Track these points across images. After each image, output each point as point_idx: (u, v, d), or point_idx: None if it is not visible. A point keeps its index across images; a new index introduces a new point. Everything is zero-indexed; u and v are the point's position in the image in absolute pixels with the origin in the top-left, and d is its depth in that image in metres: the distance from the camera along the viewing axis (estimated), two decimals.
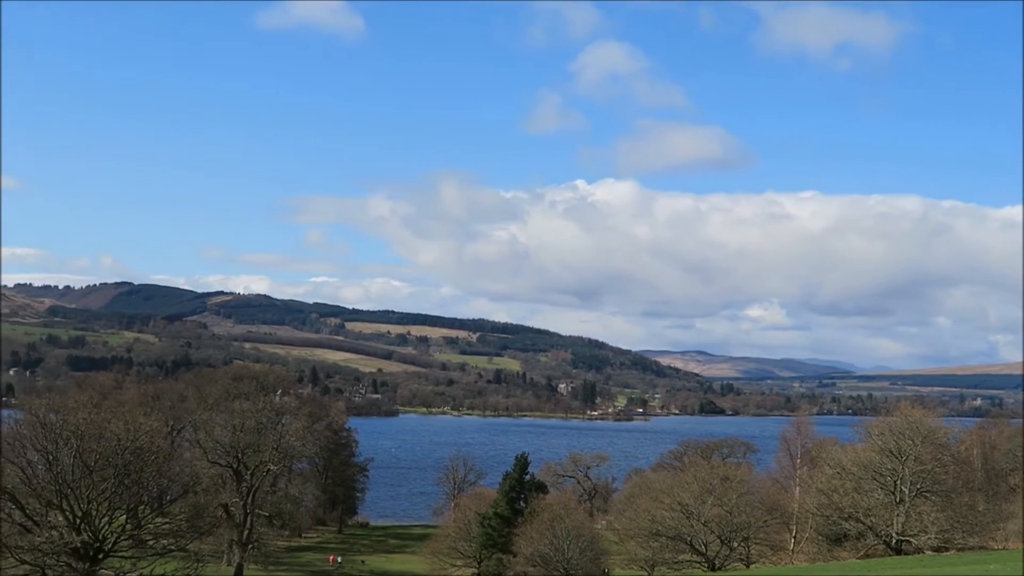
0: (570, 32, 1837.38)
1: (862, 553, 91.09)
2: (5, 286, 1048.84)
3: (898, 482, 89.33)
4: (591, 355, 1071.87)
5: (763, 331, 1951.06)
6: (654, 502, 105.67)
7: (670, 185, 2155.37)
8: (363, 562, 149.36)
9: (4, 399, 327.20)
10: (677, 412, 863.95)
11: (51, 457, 79.03)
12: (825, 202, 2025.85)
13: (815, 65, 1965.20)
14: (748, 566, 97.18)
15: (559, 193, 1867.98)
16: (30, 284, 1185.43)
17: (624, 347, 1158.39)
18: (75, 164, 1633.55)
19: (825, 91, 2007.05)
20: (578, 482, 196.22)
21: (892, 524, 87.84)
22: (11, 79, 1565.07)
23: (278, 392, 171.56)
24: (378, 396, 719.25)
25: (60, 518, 79.06)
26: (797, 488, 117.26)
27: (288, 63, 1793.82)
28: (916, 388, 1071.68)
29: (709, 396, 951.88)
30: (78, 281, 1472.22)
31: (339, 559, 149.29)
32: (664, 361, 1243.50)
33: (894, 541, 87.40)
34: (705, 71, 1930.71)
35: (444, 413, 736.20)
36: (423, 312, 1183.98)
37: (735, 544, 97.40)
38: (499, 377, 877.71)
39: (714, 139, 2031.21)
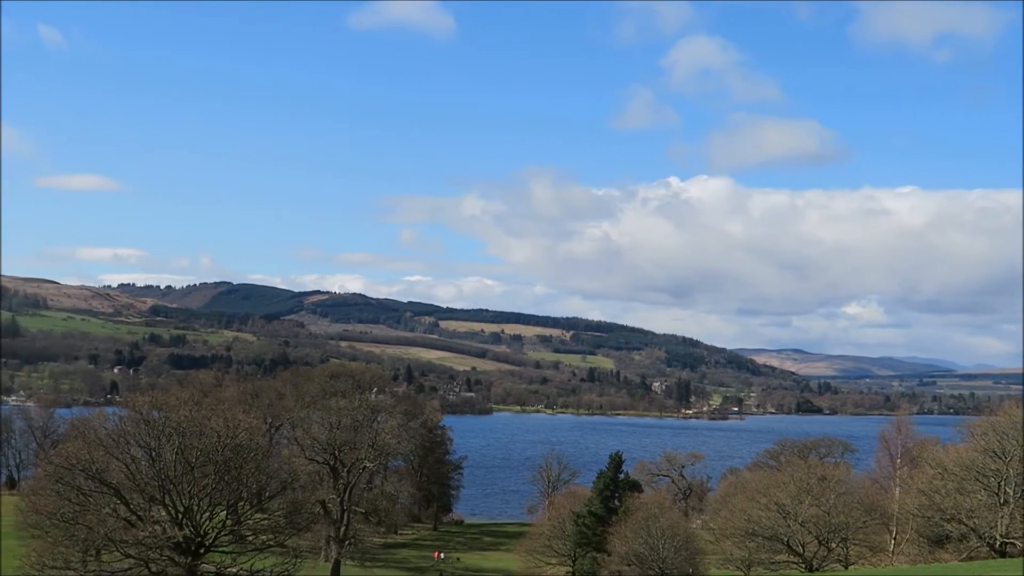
0: (661, 27, 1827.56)
1: (965, 555, 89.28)
2: (109, 286, 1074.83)
3: (1002, 483, 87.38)
4: (685, 353, 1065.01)
5: (861, 329, 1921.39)
6: (750, 502, 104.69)
7: (764, 181, 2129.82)
8: (458, 559, 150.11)
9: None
10: (773, 411, 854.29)
11: (154, 453, 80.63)
12: (924, 197, 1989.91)
13: (914, 57, 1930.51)
14: (847, 567, 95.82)
15: (652, 190, 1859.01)
16: (133, 284, 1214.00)
17: (719, 345, 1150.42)
18: (173, 165, 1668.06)
19: (924, 83, 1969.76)
20: (673, 481, 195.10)
21: (996, 526, 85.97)
22: (113, 80, 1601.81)
23: (374, 390, 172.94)
24: (472, 394, 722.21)
25: (163, 513, 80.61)
26: (897, 489, 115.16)
27: (380, 63, 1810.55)
28: (1020, 387, 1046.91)
29: (806, 395, 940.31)
30: (179, 281, 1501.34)
31: (443, 555, 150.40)
32: (759, 359, 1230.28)
33: (998, 543, 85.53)
34: (800, 64, 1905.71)
35: (538, 411, 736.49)
36: (516, 311, 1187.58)
37: (833, 545, 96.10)
38: (593, 375, 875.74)
39: (809, 133, 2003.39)
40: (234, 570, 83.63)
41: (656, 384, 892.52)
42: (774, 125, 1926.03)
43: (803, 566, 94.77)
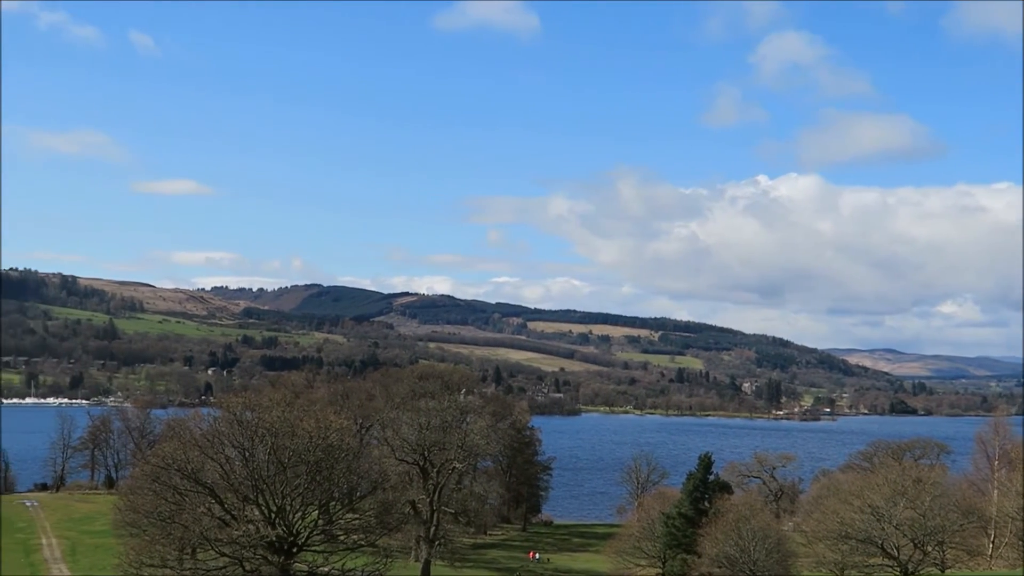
0: (749, 23, 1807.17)
1: None
2: (203, 289, 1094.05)
3: None
4: (775, 353, 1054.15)
5: (956, 328, 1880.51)
6: (843, 504, 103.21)
7: (854, 178, 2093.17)
8: (548, 560, 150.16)
9: None
10: (866, 412, 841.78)
11: (247, 453, 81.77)
12: (1021, 193, 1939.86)
13: (1009, 50, 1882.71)
14: (943, 571, 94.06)
15: (740, 189, 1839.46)
16: (226, 287, 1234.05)
17: (809, 345, 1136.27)
18: (264, 169, 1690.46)
19: (1020, 77, 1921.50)
20: (764, 483, 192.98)
21: None
22: (204, 85, 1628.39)
23: (462, 391, 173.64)
24: (560, 395, 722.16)
25: (256, 513, 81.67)
26: (995, 491, 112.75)
27: (466, 64, 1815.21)
28: None
29: (900, 395, 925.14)
30: (270, 284, 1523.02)
31: (538, 556, 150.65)
32: (851, 360, 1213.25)
33: None
34: (891, 57, 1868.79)
35: (626, 412, 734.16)
36: (604, 311, 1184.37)
37: (929, 548, 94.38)
38: (682, 376, 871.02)
39: (901, 128, 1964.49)
40: (326, 569, 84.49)
41: (746, 385, 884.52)
42: (864, 121, 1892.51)
43: (898, 570, 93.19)
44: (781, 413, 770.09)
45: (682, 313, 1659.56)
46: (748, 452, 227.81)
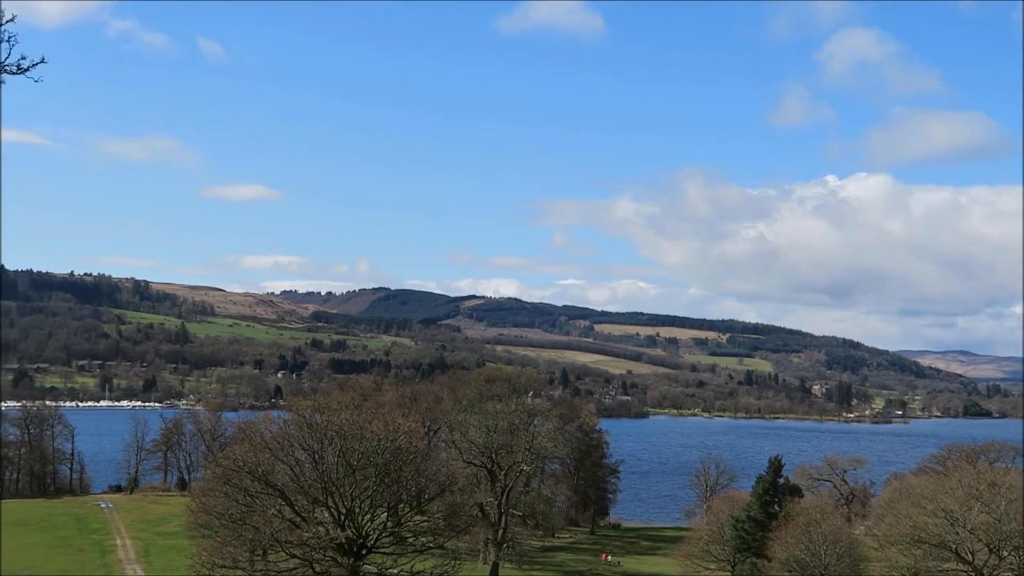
0: (815, 21, 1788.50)
1: None
2: (273, 293, 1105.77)
3: None
4: (846, 355, 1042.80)
5: None
6: (916, 508, 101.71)
7: (925, 177, 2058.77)
8: (619, 563, 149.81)
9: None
10: (939, 414, 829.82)
11: (317, 456, 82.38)
12: None
13: None
14: None
15: (808, 189, 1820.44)
16: (295, 291, 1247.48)
17: (880, 347, 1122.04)
18: (330, 173, 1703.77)
19: None
20: (834, 486, 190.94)
21: None
22: (271, 90, 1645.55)
23: (530, 394, 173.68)
24: (628, 398, 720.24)
25: (326, 515, 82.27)
26: None
27: (530, 65, 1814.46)
28: None
29: (973, 398, 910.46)
30: (338, 287, 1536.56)
31: (610, 558, 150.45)
32: (924, 361, 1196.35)
33: None
34: (962, 54, 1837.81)
35: (694, 415, 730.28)
36: (671, 313, 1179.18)
37: (1005, 553, 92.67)
38: (750, 378, 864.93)
39: (973, 126, 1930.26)
40: (395, 571, 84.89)
41: (816, 387, 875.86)
42: (935, 118, 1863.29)
43: (973, 575, 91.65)
44: (852, 416, 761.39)
45: (750, 315, 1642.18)
46: (818, 455, 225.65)
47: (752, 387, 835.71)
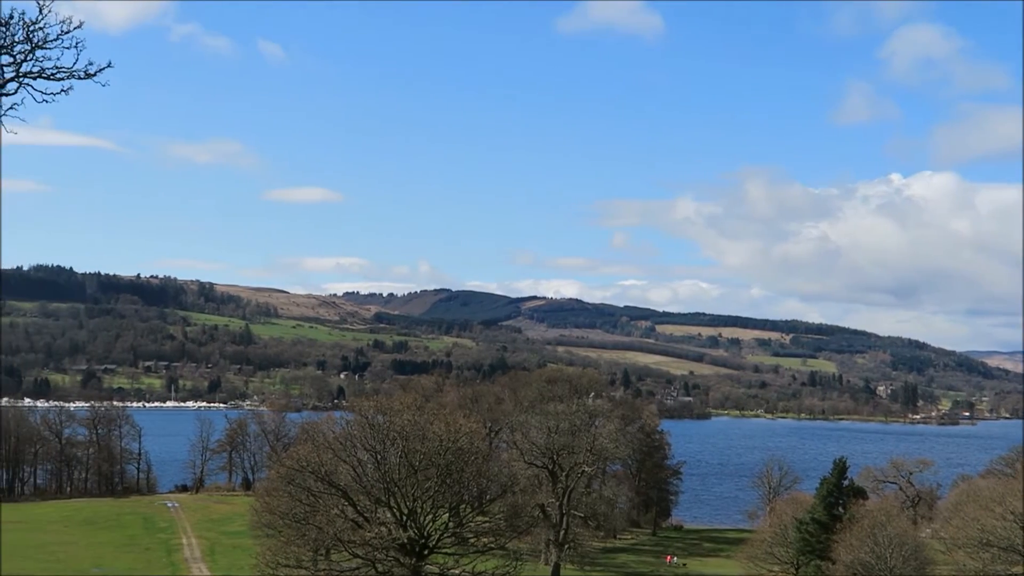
0: (878, 17, 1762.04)
1: None
2: (335, 295, 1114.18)
3: None
4: (911, 356, 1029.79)
5: None
6: (984, 511, 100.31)
7: (993, 175, 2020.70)
8: (684, 565, 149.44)
9: None
10: (1008, 416, 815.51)
11: (379, 456, 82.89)
12: None
13: None
14: None
15: (872, 188, 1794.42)
16: (357, 292, 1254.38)
17: (947, 347, 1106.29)
18: (390, 175, 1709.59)
19: None
20: (900, 488, 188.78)
21: None
22: (332, 92, 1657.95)
23: (591, 394, 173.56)
24: (690, 399, 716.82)
25: (388, 515, 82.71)
26: None
27: (589, 65, 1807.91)
28: None
29: None
30: (399, 288, 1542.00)
31: (675, 559, 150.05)
32: (992, 362, 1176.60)
33: None
34: None
35: (757, 416, 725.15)
36: (733, 314, 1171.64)
37: None
38: (814, 379, 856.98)
39: None
40: (457, 572, 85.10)
41: (881, 388, 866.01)
42: (1003, 115, 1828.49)
43: None
44: (918, 417, 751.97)
45: (813, 315, 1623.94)
46: (883, 457, 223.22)
47: (816, 388, 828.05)
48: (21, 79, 25.37)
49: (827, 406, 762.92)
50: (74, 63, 25.65)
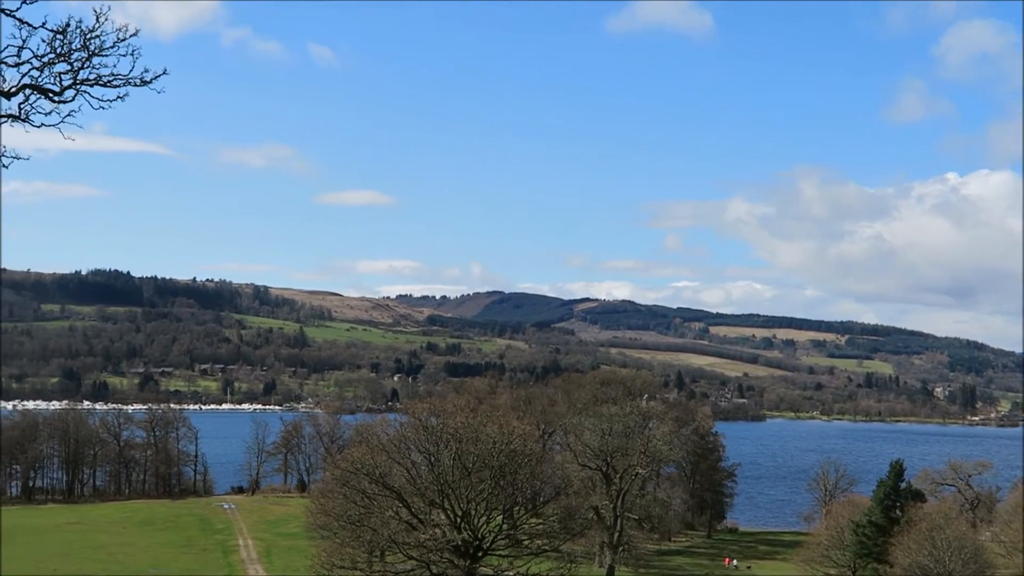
0: (932, 13, 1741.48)
1: None
2: (388, 297, 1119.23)
3: None
4: (970, 357, 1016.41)
5: None
6: None
7: None
8: (749, 567, 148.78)
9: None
10: None
11: (433, 458, 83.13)
12: None
13: None
14: None
15: (928, 187, 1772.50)
16: (410, 295, 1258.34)
17: (1007, 348, 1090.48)
18: (441, 177, 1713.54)
19: None
20: (958, 491, 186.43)
21: None
22: (382, 95, 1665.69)
23: (644, 396, 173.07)
24: (744, 400, 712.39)
25: (442, 517, 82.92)
26: None
27: (639, 66, 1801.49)
28: None
29: None
30: (451, 291, 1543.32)
31: (736, 562, 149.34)
32: None
33: None
34: None
35: (812, 418, 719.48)
36: (787, 315, 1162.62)
37: None
38: (870, 381, 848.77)
39: None
40: (511, 574, 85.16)
41: (938, 389, 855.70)
42: None
43: None
44: (976, 419, 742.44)
45: (869, 316, 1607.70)
46: (941, 459, 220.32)
47: (872, 389, 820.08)
48: (79, 86, 25.71)
49: (884, 408, 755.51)
50: (130, 70, 25.97)
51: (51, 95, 25.51)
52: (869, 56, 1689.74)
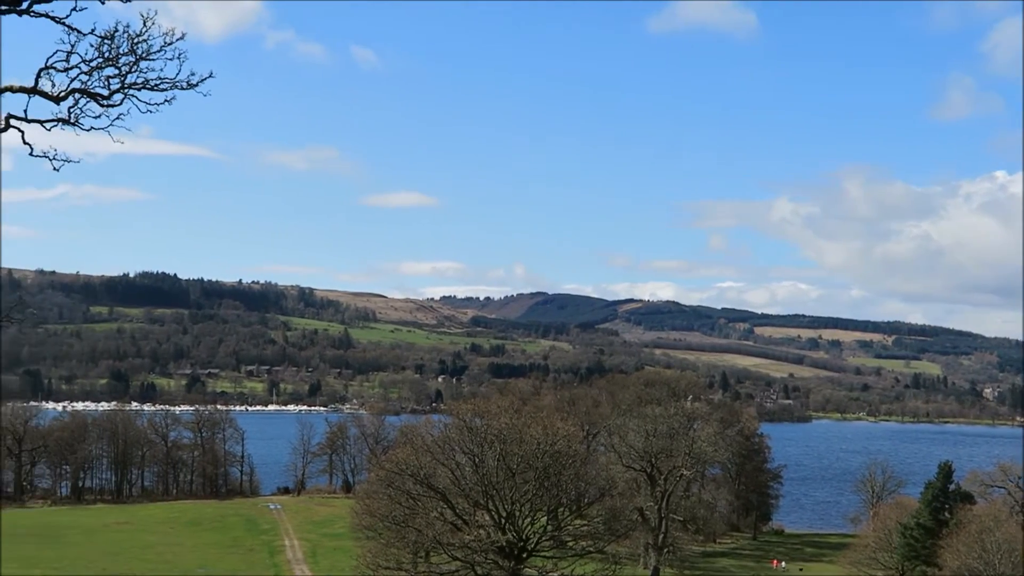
0: (979, 9, 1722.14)
1: None
2: (432, 299, 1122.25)
3: None
4: (1019, 357, 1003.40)
5: None
6: None
7: None
8: (801, 569, 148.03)
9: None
10: None
11: (477, 459, 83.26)
12: None
13: None
14: None
15: (976, 185, 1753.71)
16: (454, 296, 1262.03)
17: None
18: (484, 179, 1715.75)
19: None
20: (1008, 493, 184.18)
21: None
22: (425, 97, 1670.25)
23: (689, 397, 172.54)
24: (790, 401, 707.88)
25: (486, 518, 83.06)
26: None
27: (682, 66, 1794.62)
28: None
29: None
30: (494, 292, 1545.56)
31: (784, 564, 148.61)
32: None
33: None
34: None
35: (859, 419, 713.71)
36: (833, 315, 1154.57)
37: None
38: (918, 382, 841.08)
39: None
40: (555, 575, 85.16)
41: (988, 390, 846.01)
42: None
43: None
44: None
45: (916, 316, 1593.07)
46: (991, 461, 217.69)
47: (920, 390, 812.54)
48: (127, 90, 26.00)
49: (931, 409, 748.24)
50: (177, 74, 26.22)
51: (100, 99, 25.83)
52: (915, 53, 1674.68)
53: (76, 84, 25.51)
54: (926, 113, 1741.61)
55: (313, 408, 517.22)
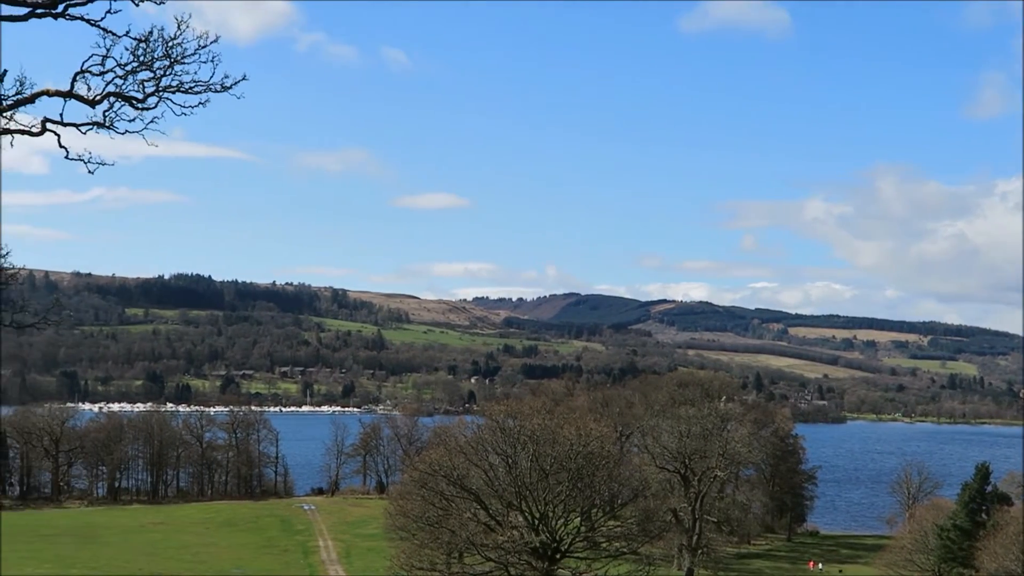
0: (1014, 7, 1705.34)
1: None
2: (465, 300, 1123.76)
3: None
4: None
5: None
6: None
7: None
8: (840, 571, 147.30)
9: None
10: None
11: (510, 460, 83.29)
12: None
13: None
14: None
15: (1011, 184, 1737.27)
16: (487, 297, 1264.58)
17: None
18: (516, 179, 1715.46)
19: None
20: None
21: None
22: (456, 98, 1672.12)
23: (723, 398, 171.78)
24: (824, 402, 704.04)
25: (520, 519, 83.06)
26: None
27: (713, 65, 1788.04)
28: None
29: None
30: (527, 293, 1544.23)
31: (821, 566, 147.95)
32: None
33: None
34: None
35: (894, 420, 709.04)
36: (868, 315, 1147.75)
37: None
38: (954, 382, 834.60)
39: None
40: None
41: None
42: None
43: None
44: None
45: (951, 316, 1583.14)
46: None
47: (956, 391, 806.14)
48: (161, 93, 26.16)
49: (968, 409, 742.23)
50: (211, 76, 26.36)
51: (135, 102, 25.99)
52: (949, 51, 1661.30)
53: (111, 87, 25.70)
54: (959, 111, 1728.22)
55: (347, 409, 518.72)
